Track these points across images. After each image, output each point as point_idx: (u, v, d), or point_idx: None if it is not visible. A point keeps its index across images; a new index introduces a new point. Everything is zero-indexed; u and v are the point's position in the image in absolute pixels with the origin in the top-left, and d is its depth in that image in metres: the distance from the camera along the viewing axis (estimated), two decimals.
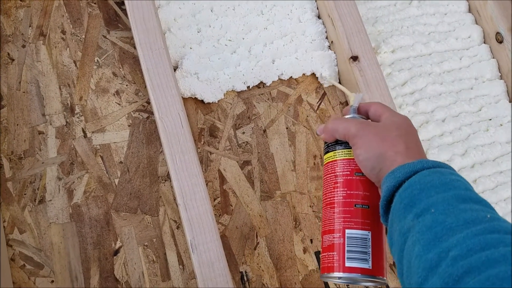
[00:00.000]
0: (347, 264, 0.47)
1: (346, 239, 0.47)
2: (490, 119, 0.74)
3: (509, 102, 0.76)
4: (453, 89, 0.75)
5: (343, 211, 0.48)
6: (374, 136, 0.47)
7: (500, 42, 0.76)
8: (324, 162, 0.52)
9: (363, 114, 0.53)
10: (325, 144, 0.52)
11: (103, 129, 0.65)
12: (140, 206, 0.62)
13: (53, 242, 0.59)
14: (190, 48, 0.69)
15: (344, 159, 0.50)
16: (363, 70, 0.67)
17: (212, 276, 0.55)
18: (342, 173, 0.49)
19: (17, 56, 0.67)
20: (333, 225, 0.49)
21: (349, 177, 0.49)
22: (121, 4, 0.72)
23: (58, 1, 0.70)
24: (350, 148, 0.49)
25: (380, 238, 0.48)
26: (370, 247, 0.47)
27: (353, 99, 0.53)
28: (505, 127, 0.73)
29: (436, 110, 0.72)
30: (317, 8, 0.75)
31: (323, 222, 0.51)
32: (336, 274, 0.47)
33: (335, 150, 0.51)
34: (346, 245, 0.47)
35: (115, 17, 0.71)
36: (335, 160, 0.50)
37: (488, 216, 0.37)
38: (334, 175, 0.50)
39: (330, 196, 0.50)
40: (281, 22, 0.73)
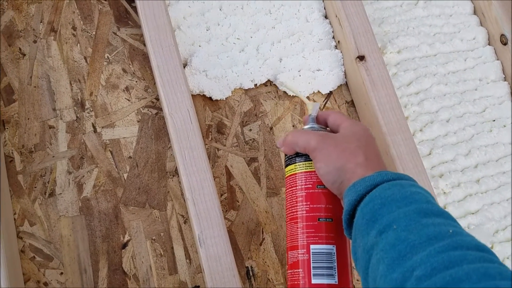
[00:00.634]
0: (314, 281, 0.46)
1: (311, 255, 0.47)
2: (494, 120, 0.75)
3: None
4: (458, 90, 0.76)
5: (307, 226, 0.48)
6: (333, 148, 0.47)
7: (505, 44, 0.77)
8: (286, 175, 0.52)
9: (322, 123, 0.53)
10: (286, 156, 0.52)
11: (113, 124, 0.66)
12: (149, 200, 0.63)
13: (63, 235, 0.60)
14: (199, 46, 0.70)
15: (306, 172, 0.49)
16: (369, 69, 0.68)
17: (219, 270, 0.56)
18: (304, 186, 0.49)
19: (28, 51, 0.68)
20: (297, 240, 0.48)
21: (311, 190, 0.48)
22: (131, 1, 0.73)
23: None
24: (311, 160, 0.49)
25: (345, 251, 0.48)
26: (336, 261, 0.47)
27: (311, 108, 0.53)
28: (508, 128, 0.74)
29: (440, 110, 0.73)
30: (324, 8, 0.76)
31: (287, 238, 0.50)
32: None
33: (296, 163, 0.50)
34: (311, 261, 0.47)
35: (125, 14, 0.72)
36: (296, 174, 0.50)
37: (450, 231, 0.38)
38: (296, 188, 0.49)
39: (293, 210, 0.49)
40: (288, 21, 0.74)
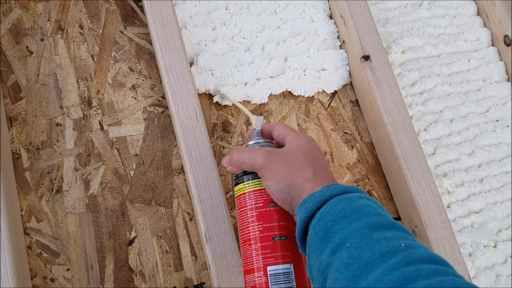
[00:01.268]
0: None
1: (269, 277, 0.46)
2: (497, 120, 0.76)
3: None
4: (462, 90, 0.76)
5: (262, 247, 0.47)
6: (281, 165, 0.46)
7: (508, 45, 0.78)
8: (235, 195, 0.51)
9: (267, 136, 0.53)
10: (234, 175, 0.51)
11: (119, 122, 0.66)
12: (155, 198, 0.64)
13: (70, 231, 0.61)
14: (205, 45, 0.70)
15: (256, 190, 0.48)
16: (374, 69, 0.69)
17: (225, 266, 0.56)
18: (255, 205, 0.48)
19: (36, 49, 0.68)
20: (253, 263, 0.47)
21: (263, 209, 0.48)
22: (137, 0, 0.73)
23: None
24: (260, 178, 0.48)
25: (302, 268, 0.47)
26: (294, 280, 0.46)
27: (255, 121, 0.53)
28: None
29: (444, 110, 0.74)
30: (329, 8, 0.76)
31: (242, 261, 0.49)
32: None
33: (244, 182, 0.49)
34: (270, 284, 0.46)
35: (132, 13, 0.73)
36: (245, 193, 0.49)
37: (403, 245, 0.37)
38: (247, 208, 0.49)
39: (246, 232, 0.48)
40: (294, 21, 0.74)
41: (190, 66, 0.69)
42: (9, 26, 0.69)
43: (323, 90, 0.73)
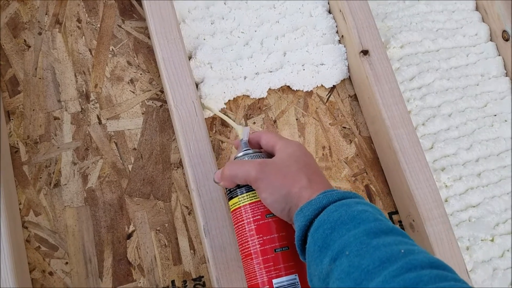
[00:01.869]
0: None
1: None
2: (495, 115, 0.76)
3: None
4: (460, 85, 0.76)
5: (264, 260, 0.46)
6: (275, 175, 0.46)
7: (507, 40, 0.78)
8: (231, 210, 0.50)
9: (255, 146, 0.52)
10: (226, 190, 0.51)
11: (118, 116, 0.66)
12: (153, 191, 0.64)
13: (68, 225, 0.61)
14: (204, 39, 0.70)
15: (251, 203, 0.48)
16: (373, 64, 0.69)
17: (224, 260, 0.56)
18: (252, 218, 0.47)
19: (34, 43, 0.68)
20: (257, 278, 0.46)
21: (261, 221, 0.47)
22: None
23: None
24: (254, 190, 0.47)
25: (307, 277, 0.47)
26: None
27: (241, 132, 0.52)
28: (510, 123, 0.75)
29: (443, 105, 0.74)
30: (328, 3, 0.76)
31: (246, 276, 0.48)
32: None
33: (238, 195, 0.49)
34: None
35: (129, 7, 0.72)
36: (240, 207, 0.49)
37: (402, 251, 0.37)
38: (244, 222, 0.48)
39: (246, 246, 0.48)
40: (292, 16, 0.74)
41: (189, 60, 0.68)
42: (7, 20, 0.68)
43: (322, 85, 0.73)
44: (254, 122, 0.70)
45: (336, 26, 0.75)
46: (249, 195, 0.48)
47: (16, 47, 0.67)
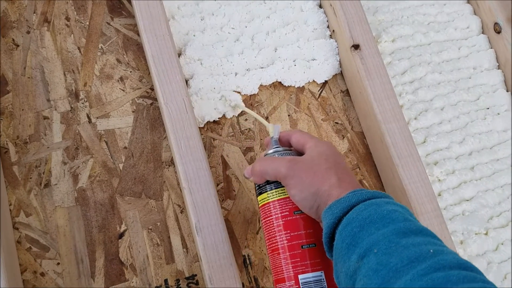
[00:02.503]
0: None
1: (300, 286, 0.46)
2: (488, 108, 0.76)
3: (507, 91, 0.77)
4: (452, 78, 0.76)
5: (291, 256, 0.47)
6: (305, 173, 0.46)
7: (498, 32, 0.78)
8: (259, 205, 0.51)
9: (285, 144, 0.52)
10: (256, 185, 0.51)
11: (108, 114, 0.66)
12: (145, 190, 0.63)
13: (59, 225, 0.60)
14: (194, 35, 0.69)
15: (280, 199, 0.48)
16: (364, 58, 0.68)
17: (217, 258, 0.56)
18: (280, 214, 0.48)
19: (22, 42, 0.67)
20: (283, 272, 0.47)
21: (289, 218, 0.47)
22: None
23: None
24: (283, 186, 0.48)
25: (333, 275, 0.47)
26: (326, 287, 0.46)
27: (272, 130, 0.52)
28: (502, 116, 0.75)
29: (435, 98, 0.73)
30: None
31: (272, 270, 0.48)
32: None
33: (267, 191, 0.49)
34: None
35: (118, 4, 0.72)
36: (269, 202, 0.49)
37: (431, 251, 0.37)
38: (272, 218, 0.48)
39: (274, 241, 0.48)
40: (283, 11, 0.73)
41: (179, 56, 0.68)
42: None
43: (314, 80, 0.73)
44: (246, 119, 0.69)
45: (327, 21, 0.74)
46: (278, 191, 0.48)
47: (4, 47, 0.66)
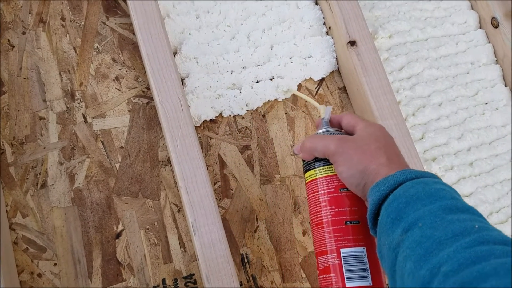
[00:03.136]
0: (348, 285, 0.46)
1: (342, 259, 0.46)
2: (486, 103, 0.75)
3: (505, 86, 0.77)
4: (450, 74, 0.75)
5: (334, 230, 0.47)
6: (354, 151, 0.46)
7: (496, 27, 0.77)
8: (306, 181, 0.51)
9: (336, 126, 0.52)
10: (304, 162, 0.51)
11: (104, 114, 0.66)
12: (141, 190, 0.63)
13: (56, 226, 0.60)
14: (189, 34, 0.69)
15: (327, 176, 0.49)
16: (360, 55, 0.68)
17: (214, 257, 0.56)
18: (326, 191, 0.48)
19: (18, 43, 0.67)
20: (326, 245, 0.48)
21: (334, 194, 0.48)
22: None
23: None
24: (331, 164, 0.48)
25: (375, 252, 0.47)
26: (367, 263, 0.46)
27: (323, 111, 0.53)
28: (501, 111, 0.74)
29: (432, 94, 0.73)
30: None
31: (314, 243, 0.49)
32: None
33: (315, 168, 0.50)
34: (343, 265, 0.46)
35: (114, 4, 0.71)
36: (317, 179, 0.49)
37: (476, 226, 0.37)
38: (319, 193, 0.49)
39: (318, 216, 0.49)
40: (279, 8, 0.73)
41: (174, 55, 0.68)
42: None
43: (310, 77, 0.72)
44: (243, 118, 0.69)
45: (324, 18, 0.74)
46: (326, 168, 0.49)
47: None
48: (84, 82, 0.67)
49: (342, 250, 0.47)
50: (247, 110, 0.69)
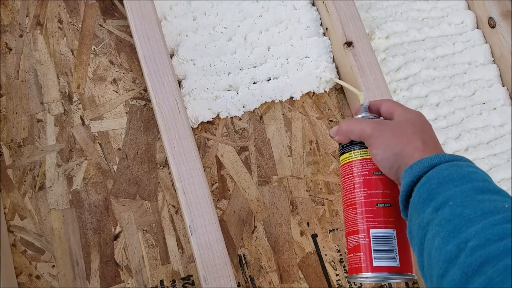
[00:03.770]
0: (375, 264, 0.47)
1: (371, 239, 0.48)
2: (484, 103, 0.75)
3: (502, 86, 0.77)
4: (447, 74, 0.76)
5: (366, 211, 0.48)
6: (390, 134, 0.47)
7: (493, 27, 0.77)
8: (341, 164, 0.52)
9: (375, 112, 0.53)
10: (340, 145, 0.52)
11: (101, 116, 0.66)
12: (139, 192, 0.63)
13: (54, 228, 0.60)
14: (186, 35, 0.69)
15: (361, 159, 0.50)
16: (357, 55, 0.68)
17: (211, 258, 0.56)
18: (360, 173, 0.49)
19: (15, 46, 0.67)
20: (357, 225, 0.49)
21: (368, 177, 0.49)
22: None
23: None
24: (366, 147, 0.49)
25: (406, 236, 0.48)
26: (396, 245, 0.47)
27: (363, 97, 0.53)
28: (498, 111, 0.74)
29: (430, 94, 0.73)
30: None
31: (346, 224, 0.51)
32: (364, 275, 0.47)
33: (351, 151, 0.50)
34: (372, 245, 0.47)
35: (111, 6, 0.72)
36: (352, 161, 0.50)
37: (506, 206, 0.38)
38: (353, 176, 0.50)
39: (351, 197, 0.50)
40: (276, 9, 0.73)
41: (171, 57, 0.68)
42: None
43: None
44: (240, 119, 0.69)
45: (320, 19, 0.74)
46: (361, 152, 0.50)
47: None
48: (81, 85, 0.67)
49: (371, 231, 0.48)
50: (244, 112, 0.69)
